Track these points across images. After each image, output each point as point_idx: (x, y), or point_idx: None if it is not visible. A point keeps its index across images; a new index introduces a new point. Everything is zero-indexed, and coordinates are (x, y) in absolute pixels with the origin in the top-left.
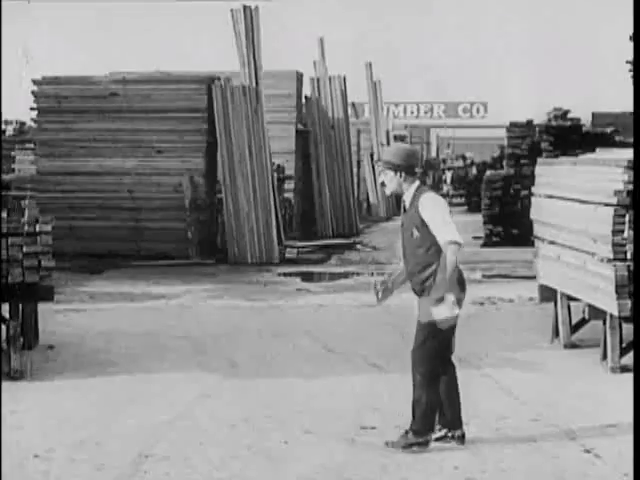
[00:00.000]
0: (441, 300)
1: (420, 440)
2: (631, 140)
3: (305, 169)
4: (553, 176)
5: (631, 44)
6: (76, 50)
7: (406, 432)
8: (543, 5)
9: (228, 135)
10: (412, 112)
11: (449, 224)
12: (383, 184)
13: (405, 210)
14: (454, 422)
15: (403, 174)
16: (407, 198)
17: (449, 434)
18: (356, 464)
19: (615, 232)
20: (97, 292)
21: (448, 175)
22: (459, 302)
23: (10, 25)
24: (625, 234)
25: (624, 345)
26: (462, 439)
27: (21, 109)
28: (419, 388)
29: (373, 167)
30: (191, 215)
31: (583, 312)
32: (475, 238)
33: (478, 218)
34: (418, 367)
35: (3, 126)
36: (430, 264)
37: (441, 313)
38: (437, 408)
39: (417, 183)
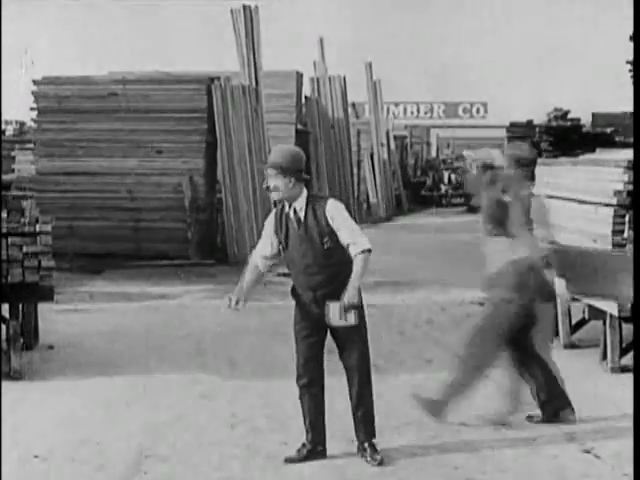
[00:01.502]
0: (352, 307)
1: None
2: (631, 140)
3: (305, 169)
4: (553, 176)
5: (631, 44)
6: (75, 50)
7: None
8: (543, 5)
9: (228, 135)
10: (412, 112)
11: (361, 231)
12: (269, 189)
13: (298, 220)
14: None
15: (293, 179)
16: (298, 205)
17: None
18: (356, 465)
19: (615, 232)
20: (97, 292)
21: (445, 175)
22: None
23: (10, 25)
24: (625, 234)
25: (624, 345)
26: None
27: (21, 109)
28: (369, 396)
29: (373, 167)
30: (191, 215)
31: (583, 312)
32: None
33: (477, 218)
34: (367, 374)
35: (3, 126)
36: (340, 272)
37: (350, 319)
38: None
39: (306, 190)
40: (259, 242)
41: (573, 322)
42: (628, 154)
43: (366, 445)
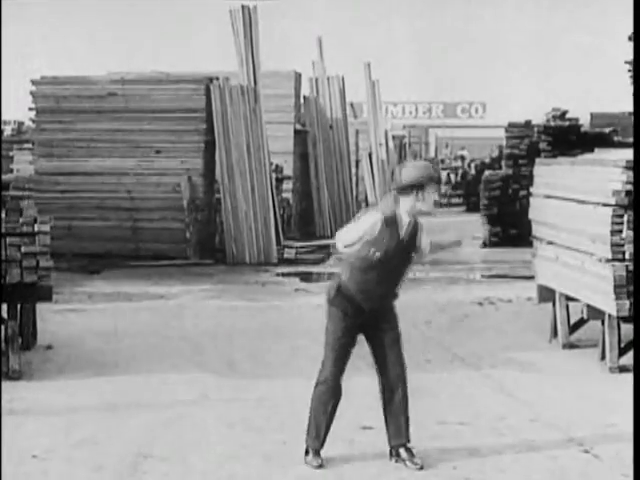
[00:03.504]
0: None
1: None
2: (629, 140)
3: (303, 169)
4: (551, 176)
5: (630, 44)
6: (74, 50)
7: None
8: (542, 5)
9: (226, 135)
10: (410, 112)
11: None
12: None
13: (409, 231)
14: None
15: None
16: (411, 217)
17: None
18: (355, 465)
19: (613, 232)
20: (95, 292)
21: (444, 175)
22: None
23: (10, 25)
24: (623, 234)
25: (622, 345)
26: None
27: (20, 109)
28: (405, 397)
29: (372, 167)
30: (189, 215)
31: (582, 312)
32: (474, 238)
33: (476, 218)
34: (405, 377)
35: (2, 126)
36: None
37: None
38: None
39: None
40: (356, 231)
41: (572, 322)
42: (627, 154)
43: (404, 450)
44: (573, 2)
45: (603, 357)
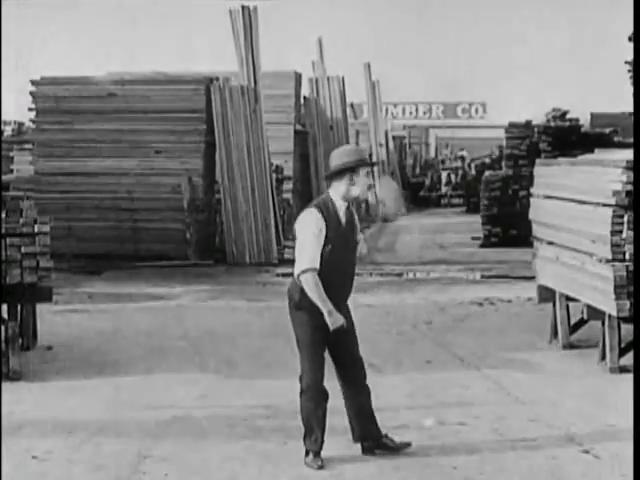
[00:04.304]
0: None
1: None
2: (630, 141)
3: (303, 169)
4: (552, 177)
5: (630, 44)
6: (74, 50)
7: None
8: (542, 5)
9: (227, 135)
10: (411, 112)
11: None
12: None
13: (348, 218)
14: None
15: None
16: (346, 203)
17: None
18: (354, 465)
19: (614, 233)
20: (96, 293)
21: (444, 175)
22: None
23: (10, 25)
24: (624, 235)
25: (623, 345)
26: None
27: (20, 109)
28: (368, 391)
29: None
30: (190, 216)
31: (582, 312)
32: (474, 239)
33: (476, 219)
34: (364, 370)
35: (2, 126)
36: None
37: None
38: None
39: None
40: (313, 250)
41: (572, 322)
42: (627, 154)
43: (387, 439)
44: (573, 2)
45: (603, 357)
